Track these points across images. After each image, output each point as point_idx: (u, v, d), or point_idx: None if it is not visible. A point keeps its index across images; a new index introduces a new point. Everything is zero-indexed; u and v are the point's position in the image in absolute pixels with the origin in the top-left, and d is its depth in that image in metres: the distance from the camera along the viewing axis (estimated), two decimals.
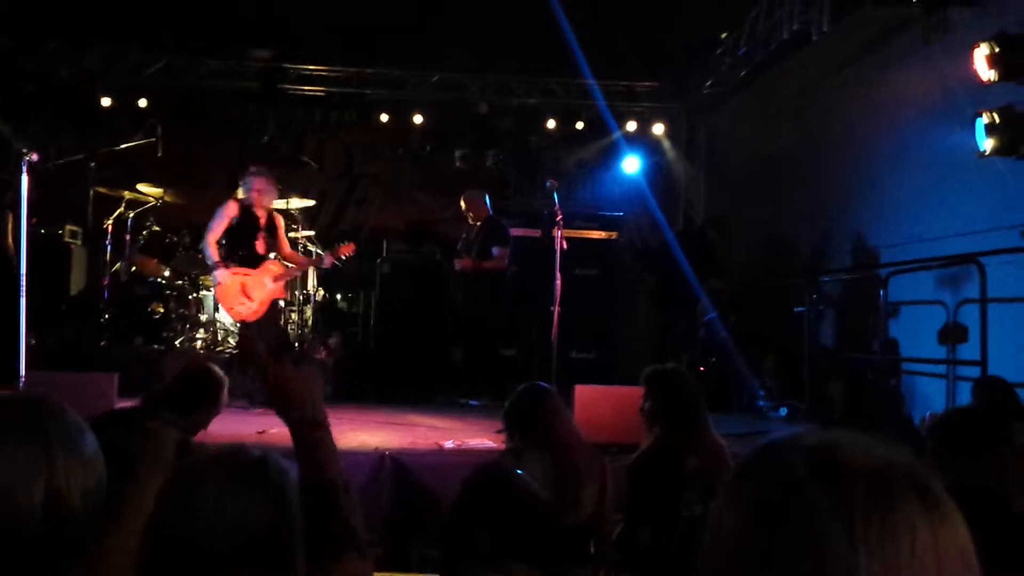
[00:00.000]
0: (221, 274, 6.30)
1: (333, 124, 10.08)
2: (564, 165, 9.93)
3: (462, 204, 7.56)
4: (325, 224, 9.60)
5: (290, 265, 6.77)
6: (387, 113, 9.66)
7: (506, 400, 3.36)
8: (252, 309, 6.37)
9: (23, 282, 5.20)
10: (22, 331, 5.17)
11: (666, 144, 9.98)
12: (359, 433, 5.25)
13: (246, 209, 6.45)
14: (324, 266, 6.99)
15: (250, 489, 1.51)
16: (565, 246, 5.94)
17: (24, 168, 5.20)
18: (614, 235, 8.39)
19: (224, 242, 6.40)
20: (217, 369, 3.91)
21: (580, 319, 7.63)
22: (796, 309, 7.28)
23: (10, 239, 7.43)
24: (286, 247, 6.81)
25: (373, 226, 10.02)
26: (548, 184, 6.18)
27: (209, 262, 6.35)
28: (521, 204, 9.29)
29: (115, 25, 8.26)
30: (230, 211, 6.40)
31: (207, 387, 3.78)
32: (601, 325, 8.16)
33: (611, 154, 9.70)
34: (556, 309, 5.80)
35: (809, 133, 8.10)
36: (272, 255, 6.67)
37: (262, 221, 6.52)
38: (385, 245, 8.57)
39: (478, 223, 7.43)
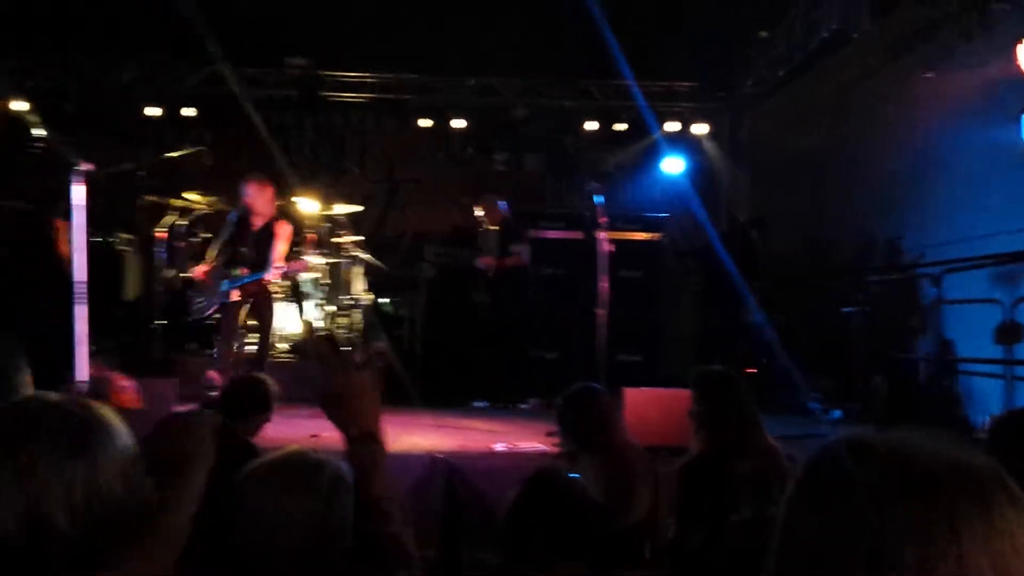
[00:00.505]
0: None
1: (373, 130, 10.18)
2: (604, 167, 9.92)
3: (478, 210, 7.64)
4: (369, 229, 9.70)
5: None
6: (427, 118, 9.73)
7: (554, 403, 3.38)
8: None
9: (81, 289, 5.34)
10: (81, 337, 5.31)
11: (708, 144, 9.91)
12: (410, 436, 5.31)
13: (242, 217, 6.57)
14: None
15: (304, 491, 1.57)
16: (611, 248, 5.93)
17: (77, 177, 5.34)
18: (657, 236, 8.37)
19: (219, 249, 6.58)
20: (267, 377, 4.00)
21: (624, 321, 7.61)
22: (844, 309, 7.19)
23: (64, 246, 7.63)
24: (273, 255, 6.56)
25: (415, 230, 10.10)
26: (590, 186, 6.19)
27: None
28: (561, 207, 9.31)
29: (159, 38, 8.43)
30: (231, 219, 6.62)
31: (258, 394, 3.87)
32: (646, 327, 8.15)
33: (652, 155, 9.66)
34: (602, 311, 5.80)
35: (850, 131, 8.01)
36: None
37: (254, 228, 6.57)
38: (428, 249, 8.65)
39: (494, 227, 7.52)
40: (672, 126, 9.64)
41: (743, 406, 3.36)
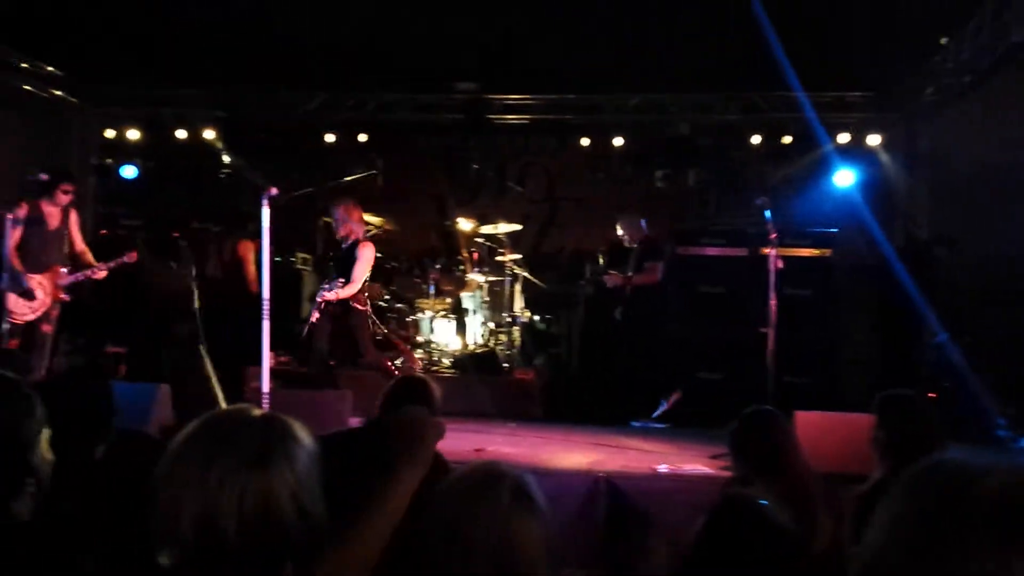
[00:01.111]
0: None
1: (534, 150, 10.32)
2: (771, 181, 9.61)
3: (618, 229, 7.60)
4: (529, 248, 9.84)
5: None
6: (587, 137, 9.77)
7: (727, 426, 3.28)
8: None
9: (267, 306, 5.70)
10: (265, 351, 5.67)
11: (883, 156, 9.41)
12: (570, 454, 5.32)
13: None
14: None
15: (520, 506, 1.59)
16: (781, 265, 5.73)
17: (265, 202, 5.72)
18: (828, 252, 8.01)
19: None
20: (429, 379, 4.08)
21: (793, 341, 7.32)
22: None
23: (251, 266, 8.17)
24: (353, 275, 6.59)
25: (574, 248, 10.14)
26: (759, 201, 6.00)
27: None
28: (723, 223, 9.09)
29: (336, 69, 8.89)
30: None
31: (420, 398, 3.96)
32: (816, 347, 7.78)
33: (821, 168, 9.28)
34: (771, 331, 5.60)
35: None
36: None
37: (343, 248, 6.74)
38: (587, 268, 8.67)
39: (635, 244, 7.49)
40: (843, 137, 9.23)
41: (931, 432, 3.16)
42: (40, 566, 1.32)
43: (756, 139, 9.48)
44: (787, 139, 9.48)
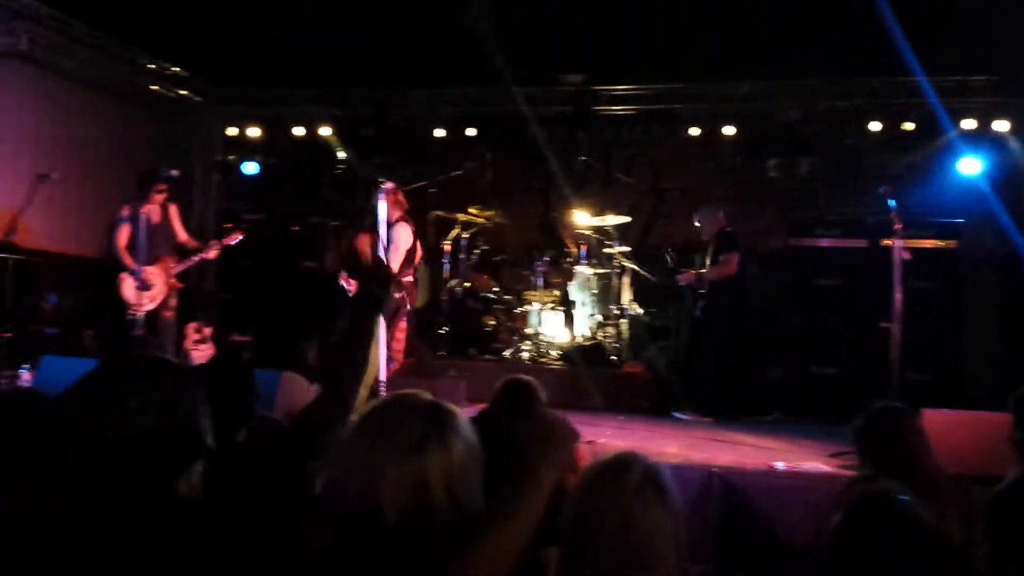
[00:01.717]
0: None
1: (640, 140, 10.22)
2: (891, 169, 9.24)
3: (696, 222, 7.55)
4: (635, 239, 9.76)
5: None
6: (695, 126, 9.62)
7: (852, 421, 3.20)
8: None
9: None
10: (380, 342, 5.83)
11: (1012, 142, 8.92)
12: (682, 448, 5.28)
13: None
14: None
15: (647, 494, 1.62)
16: (907, 256, 5.50)
17: (380, 195, 5.87)
18: (953, 244, 7.67)
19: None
20: (534, 381, 4.10)
21: (915, 336, 7.04)
22: None
23: (366, 259, 8.39)
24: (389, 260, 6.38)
25: (681, 240, 10.00)
26: (882, 190, 5.77)
27: None
28: (837, 213, 8.80)
29: (444, 65, 9.02)
30: None
31: (528, 397, 4.00)
32: (940, 343, 7.48)
33: (945, 155, 8.87)
34: (895, 326, 5.41)
35: None
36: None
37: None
38: (695, 260, 8.54)
39: (712, 237, 7.39)
40: (968, 123, 8.79)
41: None
42: (210, 544, 1.43)
43: (875, 126, 9.13)
44: (908, 126, 9.09)
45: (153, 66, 9.12)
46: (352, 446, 1.60)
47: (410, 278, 6.50)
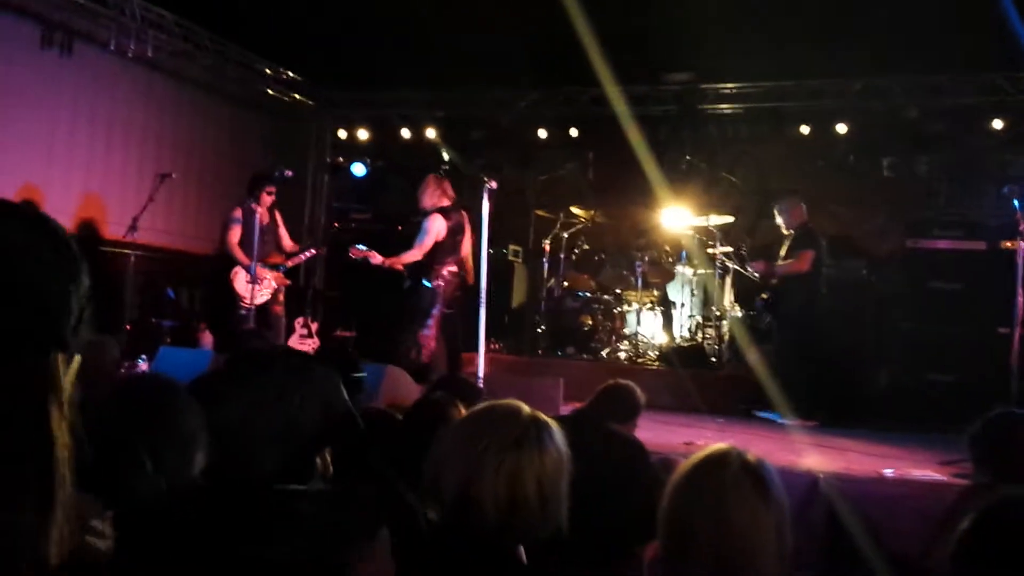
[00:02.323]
0: None
1: (746, 139, 10.01)
2: (1012, 169, 8.77)
3: (777, 216, 7.34)
4: (740, 240, 9.57)
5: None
6: (805, 124, 9.35)
7: (967, 430, 3.07)
8: None
9: (484, 295, 5.95)
10: (481, 339, 5.92)
11: None
12: (786, 453, 5.16)
13: None
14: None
15: (745, 490, 1.61)
16: None
17: (485, 195, 5.96)
18: None
19: None
20: (633, 385, 4.10)
21: None
22: None
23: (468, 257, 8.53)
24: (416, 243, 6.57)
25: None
26: (1006, 190, 5.50)
27: None
28: (955, 213, 8.41)
29: (548, 67, 9.06)
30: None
31: (628, 402, 4.01)
32: None
33: None
34: (1018, 330, 5.15)
35: None
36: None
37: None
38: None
39: (791, 231, 7.17)
40: None
41: None
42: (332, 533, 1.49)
43: (998, 124, 8.68)
44: None
45: (269, 71, 9.50)
46: (454, 440, 1.72)
47: (453, 268, 6.49)
